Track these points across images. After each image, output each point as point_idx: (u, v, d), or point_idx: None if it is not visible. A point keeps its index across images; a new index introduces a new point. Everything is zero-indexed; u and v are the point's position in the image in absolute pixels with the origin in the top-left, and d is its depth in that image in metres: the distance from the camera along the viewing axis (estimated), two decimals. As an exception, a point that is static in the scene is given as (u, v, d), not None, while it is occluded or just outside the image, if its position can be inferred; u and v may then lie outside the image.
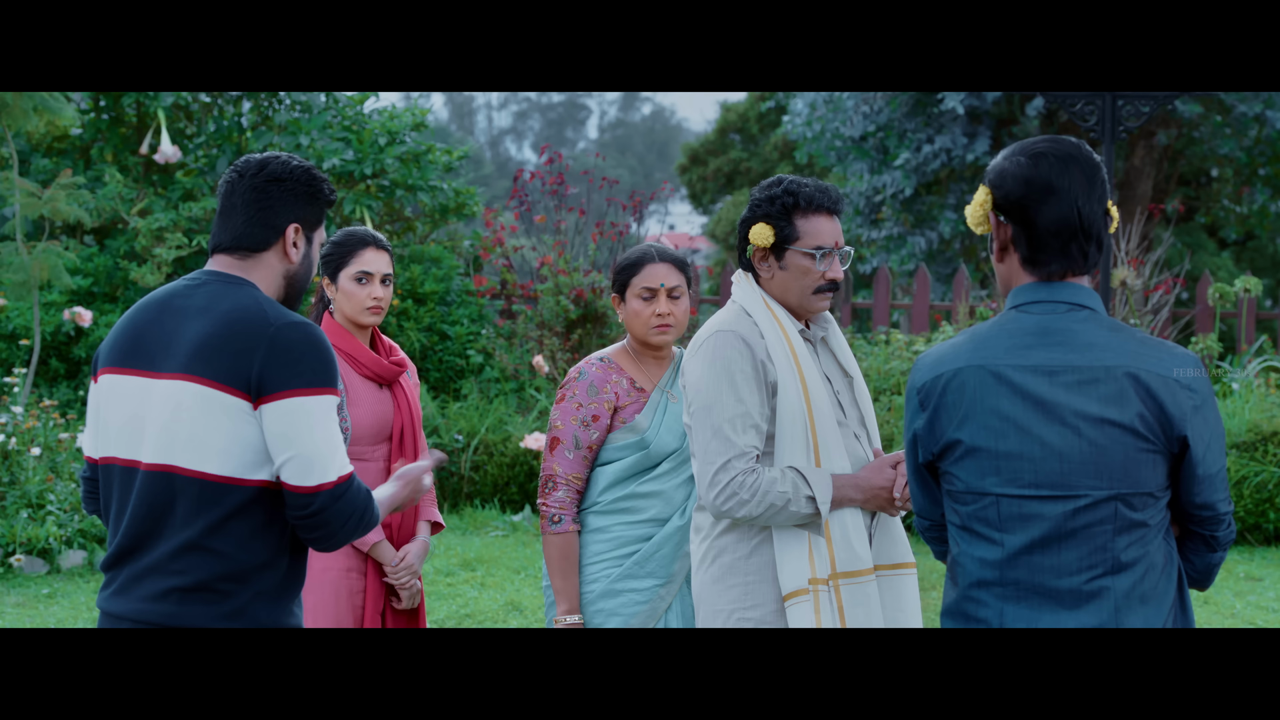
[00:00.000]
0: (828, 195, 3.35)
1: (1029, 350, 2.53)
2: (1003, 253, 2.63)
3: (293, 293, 2.88)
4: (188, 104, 10.79)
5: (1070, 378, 2.50)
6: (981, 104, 14.99)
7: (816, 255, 3.33)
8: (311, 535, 2.73)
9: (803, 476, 3.21)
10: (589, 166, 12.87)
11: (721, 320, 3.34)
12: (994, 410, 2.52)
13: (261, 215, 2.83)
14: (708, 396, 3.24)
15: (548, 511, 3.71)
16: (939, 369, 2.60)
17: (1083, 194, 2.56)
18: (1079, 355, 2.51)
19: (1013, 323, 2.58)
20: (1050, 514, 2.49)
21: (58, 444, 8.21)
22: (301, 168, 2.87)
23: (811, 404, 3.27)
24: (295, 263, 2.87)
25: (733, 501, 3.18)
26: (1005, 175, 2.59)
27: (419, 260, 10.76)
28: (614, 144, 51.16)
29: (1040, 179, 2.56)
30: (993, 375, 2.53)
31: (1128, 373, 2.48)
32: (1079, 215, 2.55)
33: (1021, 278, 2.61)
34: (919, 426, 2.63)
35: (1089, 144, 2.44)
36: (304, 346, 2.70)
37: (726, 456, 3.19)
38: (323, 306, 4.12)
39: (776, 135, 21.38)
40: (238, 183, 2.85)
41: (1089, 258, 2.59)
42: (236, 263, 2.83)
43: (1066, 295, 2.57)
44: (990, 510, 2.54)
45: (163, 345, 2.75)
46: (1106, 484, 2.48)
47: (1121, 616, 2.48)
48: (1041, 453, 2.50)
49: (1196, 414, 2.49)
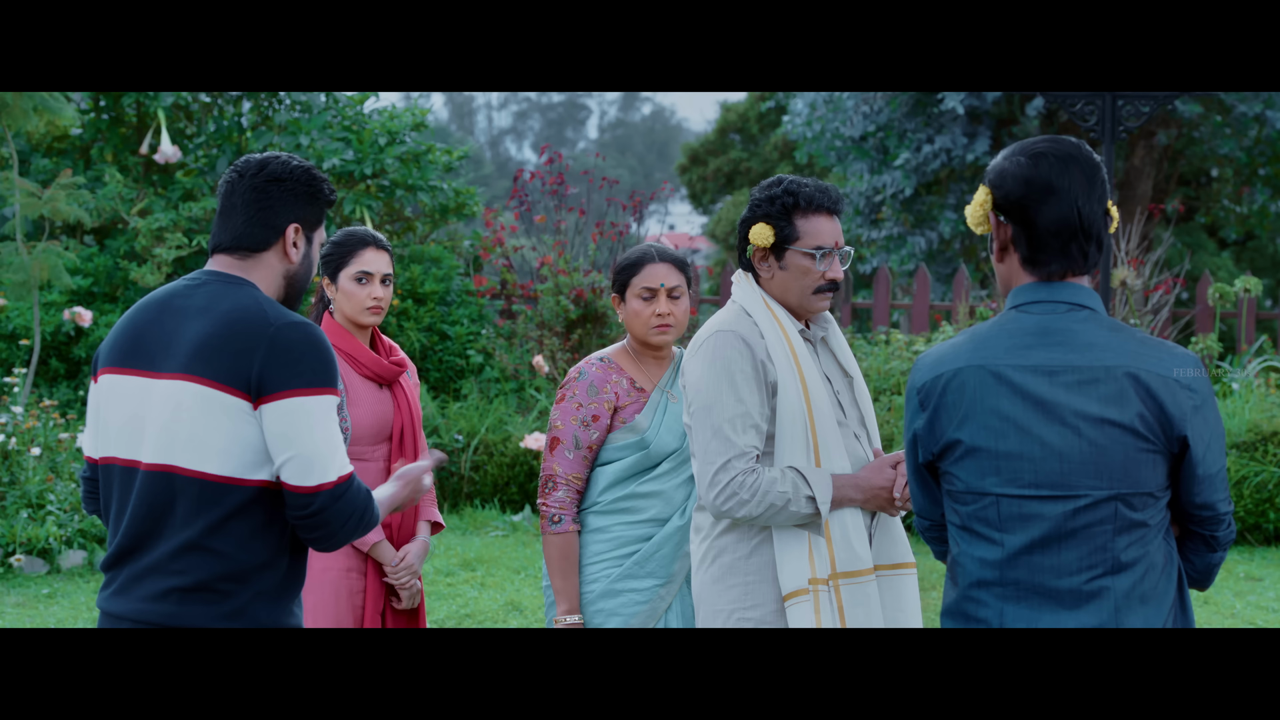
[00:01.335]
0: (828, 195, 3.35)
1: (1029, 350, 2.53)
2: (1003, 253, 2.63)
3: (293, 293, 2.88)
4: (188, 104, 10.79)
5: (1070, 378, 2.50)
6: (981, 104, 14.99)
7: (816, 255, 3.33)
8: (311, 535, 2.73)
9: (803, 476, 3.21)
10: (589, 166, 12.87)
11: (721, 320, 3.34)
12: (994, 410, 2.52)
13: (261, 215, 2.83)
14: (708, 396, 3.24)
15: (548, 511, 3.71)
16: (939, 369, 2.60)
17: (1083, 194, 2.56)
18: (1079, 355, 2.51)
19: (1013, 323, 2.58)
20: (1050, 514, 2.49)
21: (58, 444, 8.21)
22: (301, 168, 2.87)
23: (811, 404, 3.27)
24: (295, 263, 2.87)
25: (733, 501, 3.18)
26: (1005, 175, 2.59)
27: (419, 260, 10.76)
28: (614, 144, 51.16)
29: (1040, 179, 2.56)
30: (993, 375, 2.54)
31: (1128, 373, 2.48)
32: (1079, 215, 2.55)
33: (1021, 278, 2.61)
34: (919, 426, 2.63)
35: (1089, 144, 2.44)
36: (304, 346, 2.70)
37: (726, 456, 3.19)
38: (323, 306, 4.12)
39: (776, 135, 21.38)
40: (238, 183, 2.85)
41: (1089, 258, 2.59)
42: (236, 263, 2.83)
43: (1066, 295, 2.57)
44: (990, 510, 2.54)
45: (163, 345, 2.75)
46: (1106, 484, 2.48)
47: (1121, 616, 2.48)
48: (1041, 453, 2.50)
49: (1196, 414, 2.50)
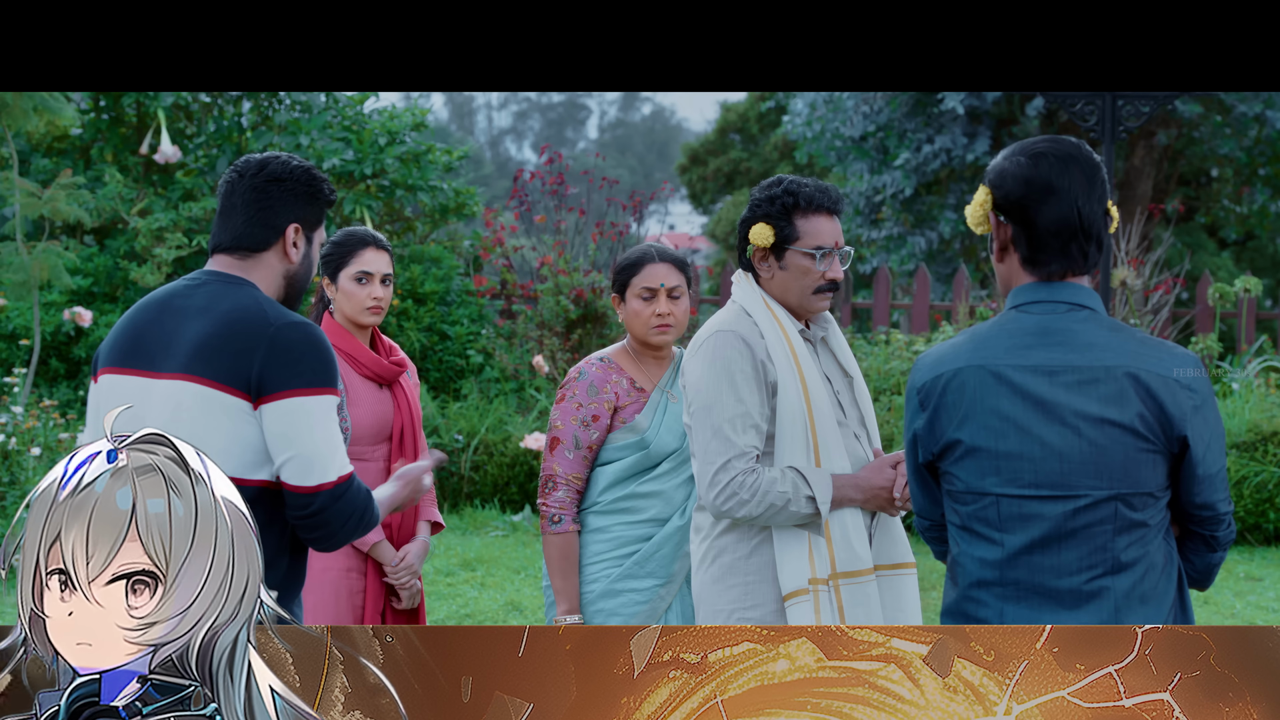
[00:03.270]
0: (828, 195, 3.35)
1: (1029, 350, 2.53)
2: (1003, 253, 2.63)
3: (293, 293, 2.88)
4: (188, 104, 10.79)
5: (1070, 378, 2.50)
6: (981, 104, 14.99)
7: (816, 255, 3.33)
8: (311, 535, 2.73)
9: (803, 476, 3.21)
10: (589, 166, 12.87)
11: (721, 320, 3.34)
12: (994, 410, 2.52)
13: (261, 215, 2.83)
14: (708, 396, 3.24)
15: (548, 511, 3.71)
16: (939, 369, 2.60)
17: (1083, 194, 2.56)
18: (1079, 355, 2.51)
19: (1013, 323, 2.58)
20: (1050, 514, 2.49)
21: (58, 444, 8.20)
22: (301, 168, 2.87)
23: (811, 404, 3.27)
24: (295, 263, 2.87)
25: (733, 501, 3.18)
26: (1005, 175, 2.59)
27: (419, 260, 10.76)
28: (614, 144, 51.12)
29: (1040, 179, 2.56)
30: (993, 375, 2.53)
31: (1128, 373, 2.48)
32: (1079, 215, 2.55)
33: (1021, 278, 2.61)
34: (919, 426, 2.63)
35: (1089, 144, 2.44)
36: (304, 346, 2.70)
37: (726, 456, 3.19)
38: (323, 306, 4.12)
39: (776, 135, 21.37)
40: (238, 183, 2.85)
41: (1089, 258, 2.59)
42: (236, 263, 2.83)
43: (1066, 295, 2.57)
44: (990, 510, 2.54)
45: (163, 345, 2.75)
46: (1106, 484, 2.48)
47: (1121, 616, 2.48)
48: (1041, 453, 2.50)
49: (1196, 414, 2.49)
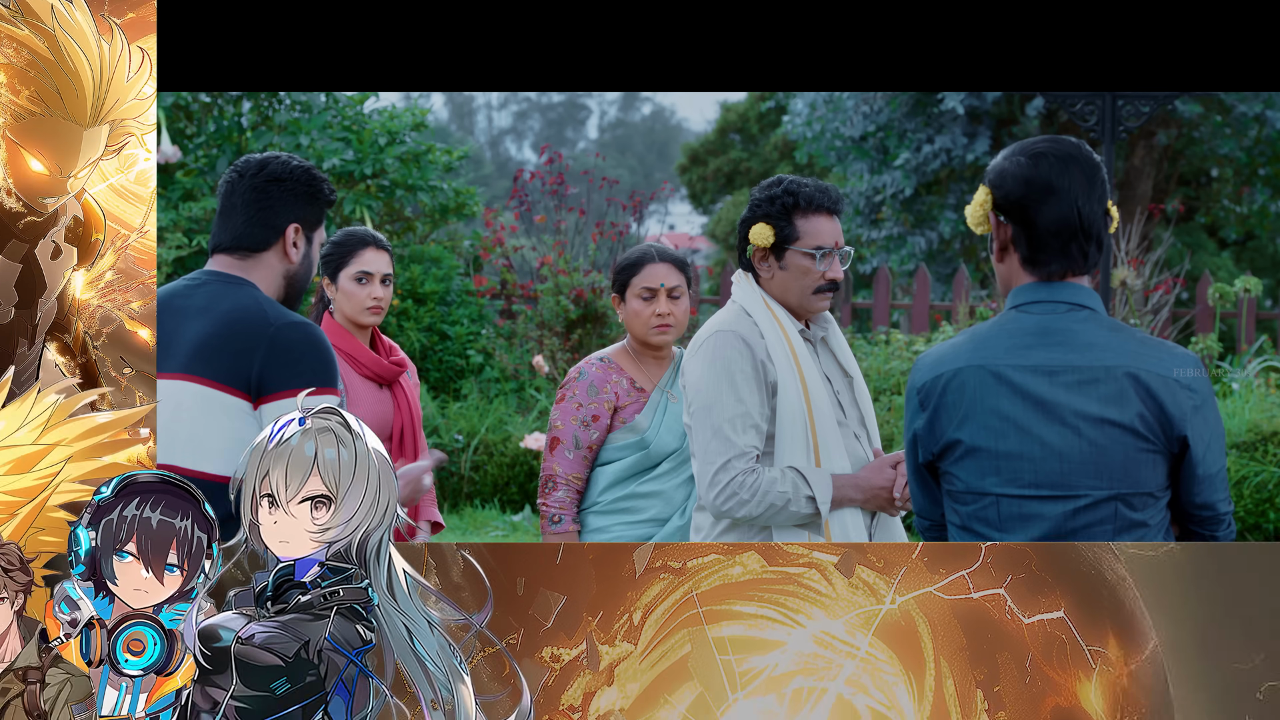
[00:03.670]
0: (828, 195, 3.35)
1: (1029, 350, 2.53)
2: (1003, 253, 2.64)
3: (293, 293, 2.89)
4: (188, 104, 10.79)
5: (1070, 378, 2.50)
6: (981, 104, 14.99)
7: (816, 255, 3.33)
8: (311, 535, 2.75)
9: (803, 476, 3.21)
10: (589, 166, 12.87)
11: (721, 320, 3.34)
12: (994, 410, 2.53)
13: (261, 215, 2.83)
14: (708, 396, 3.24)
15: (548, 511, 3.71)
16: (939, 369, 2.60)
17: (1083, 194, 2.56)
18: (1079, 355, 2.51)
19: (1013, 323, 2.58)
20: (1050, 514, 2.49)
21: (58, 444, 8.21)
22: (301, 168, 2.87)
23: (811, 404, 3.27)
24: (295, 262, 2.87)
25: (733, 501, 3.18)
26: (1005, 175, 2.59)
27: (419, 260, 10.76)
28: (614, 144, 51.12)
29: (1040, 179, 2.56)
30: (993, 375, 2.54)
31: (1128, 373, 2.48)
32: (1079, 215, 2.55)
33: (1021, 278, 2.61)
34: (919, 426, 2.63)
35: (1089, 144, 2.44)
36: (304, 346, 2.70)
37: (726, 456, 3.19)
38: (323, 306, 4.12)
39: (776, 135, 21.37)
40: (238, 183, 2.85)
41: (1089, 258, 2.59)
42: (236, 263, 2.83)
43: (1066, 295, 2.57)
44: (990, 510, 2.54)
45: (163, 345, 2.75)
46: (1106, 484, 2.48)
47: (1121, 616, 2.49)
48: (1041, 453, 2.50)
49: (1196, 414, 2.50)
